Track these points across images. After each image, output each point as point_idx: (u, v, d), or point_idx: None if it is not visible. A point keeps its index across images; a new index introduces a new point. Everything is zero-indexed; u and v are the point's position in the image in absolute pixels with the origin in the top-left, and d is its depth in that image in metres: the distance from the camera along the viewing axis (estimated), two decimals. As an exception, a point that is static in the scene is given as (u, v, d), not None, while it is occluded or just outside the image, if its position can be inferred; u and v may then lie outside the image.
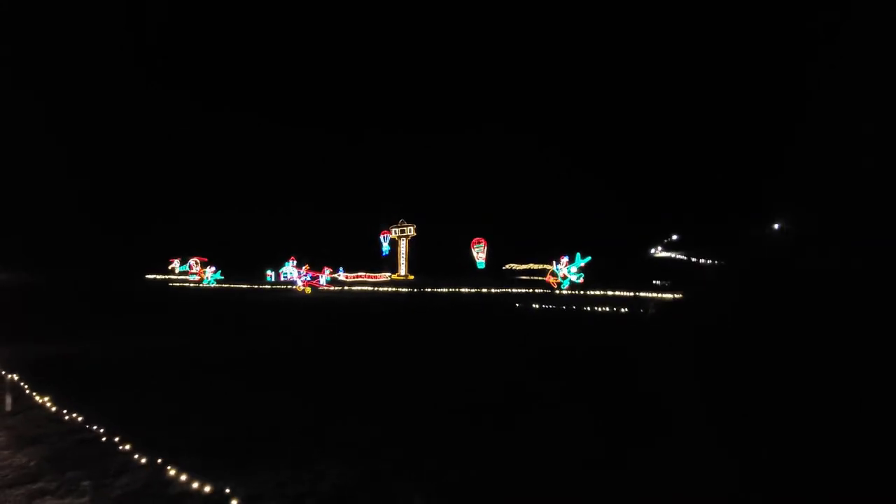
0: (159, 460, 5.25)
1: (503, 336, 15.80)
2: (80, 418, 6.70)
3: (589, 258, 27.76)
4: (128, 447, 5.69)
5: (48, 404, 7.22)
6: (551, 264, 33.97)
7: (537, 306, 24.35)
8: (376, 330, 17.37)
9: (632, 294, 27.10)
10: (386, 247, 43.06)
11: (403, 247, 42.27)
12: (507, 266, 42.89)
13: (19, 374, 7.96)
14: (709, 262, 39.81)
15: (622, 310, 22.85)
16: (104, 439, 5.98)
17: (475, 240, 42.27)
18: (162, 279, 46.16)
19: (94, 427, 6.31)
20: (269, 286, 38.56)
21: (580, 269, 27.77)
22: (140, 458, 5.45)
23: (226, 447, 6.11)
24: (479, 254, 41.67)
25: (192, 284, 41.53)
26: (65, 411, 6.90)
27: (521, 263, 42.39)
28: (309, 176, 69.77)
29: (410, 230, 42.17)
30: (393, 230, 42.94)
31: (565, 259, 28.29)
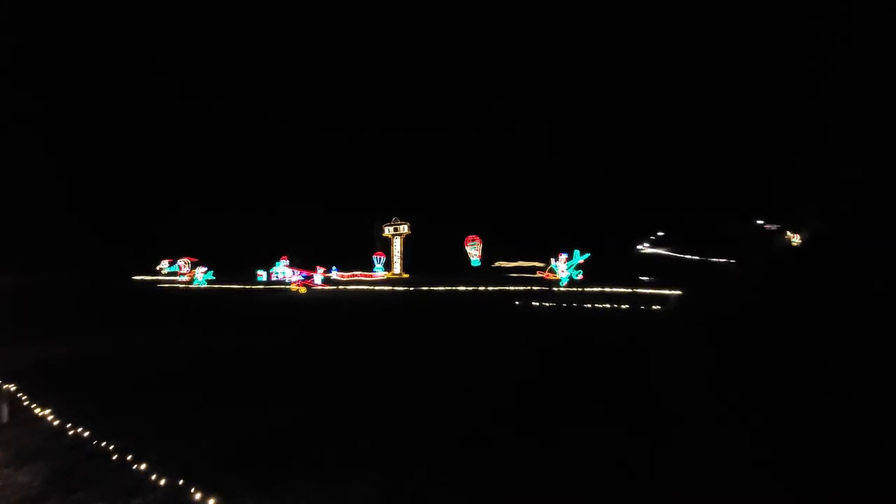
0: (180, 481, 4.92)
1: (508, 334, 15.58)
2: (82, 430, 6.34)
3: (588, 255, 27.69)
4: (143, 466, 5.35)
5: (49, 416, 6.83)
6: (541, 262, 34.02)
7: (537, 304, 24.19)
8: (376, 330, 17.07)
9: (630, 290, 27.07)
10: (378, 267, 42.57)
11: (397, 245, 41.94)
12: (497, 264, 42.88)
13: (11, 379, 7.55)
14: (700, 259, 40.18)
15: (622, 306, 22.78)
16: (115, 456, 5.63)
17: (469, 237, 42.14)
18: (150, 280, 45.25)
19: (103, 442, 5.95)
20: (262, 286, 37.96)
21: (579, 266, 27.69)
22: (154, 474, 5.12)
23: (238, 460, 5.80)
24: (474, 251, 41.56)
25: (181, 285, 40.74)
26: (69, 425, 6.51)
27: (511, 261, 42.39)
28: (299, 175, 68.84)
29: (404, 228, 41.84)
30: (386, 228, 42.58)
31: (564, 256, 28.19)
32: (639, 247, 56.79)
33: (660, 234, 59.75)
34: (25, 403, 7.19)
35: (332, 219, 56.87)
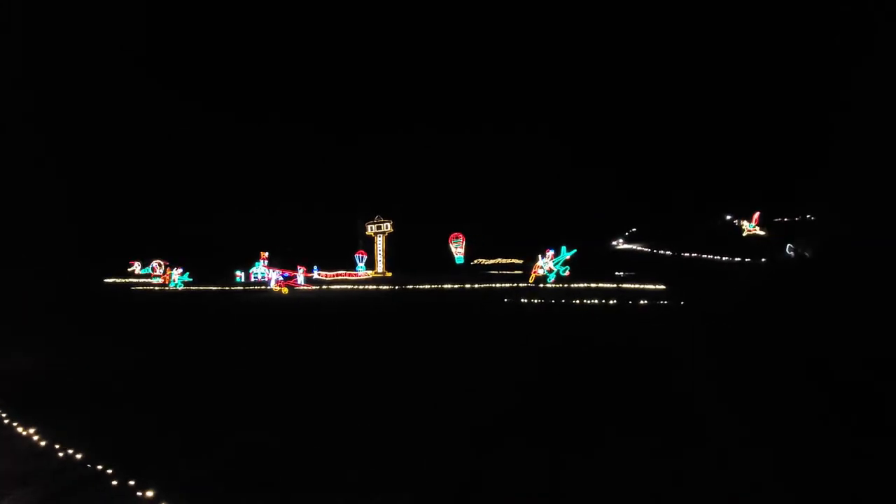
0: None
1: (502, 333, 15.39)
2: (72, 451, 5.82)
3: (575, 251, 27.75)
4: (149, 493, 4.91)
5: (32, 435, 6.28)
6: (519, 258, 34.13)
7: (526, 301, 24.13)
8: (366, 331, 16.66)
9: (615, 286, 27.25)
10: (361, 266, 41.90)
11: (380, 243, 41.33)
12: (476, 261, 42.84)
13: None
14: (675, 253, 40.91)
15: (611, 302, 22.90)
16: (115, 482, 5.15)
17: (453, 235, 41.86)
18: (123, 283, 43.58)
19: (98, 465, 5.46)
20: (241, 287, 36.96)
21: (566, 262, 27.74)
22: (162, 502, 4.69)
23: (248, 479, 5.39)
24: (458, 249, 41.32)
25: (157, 288, 39.37)
26: (57, 445, 5.98)
27: (489, 258, 42.38)
28: (276, 173, 67.43)
29: (387, 226, 41.24)
30: (369, 227, 41.93)
31: (550, 252, 28.18)
32: (613, 243, 57.52)
33: (633, 230, 60.64)
34: (6, 422, 6.62)
35: (310, 218, 55.78)
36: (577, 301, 23.13)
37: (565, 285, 27.26)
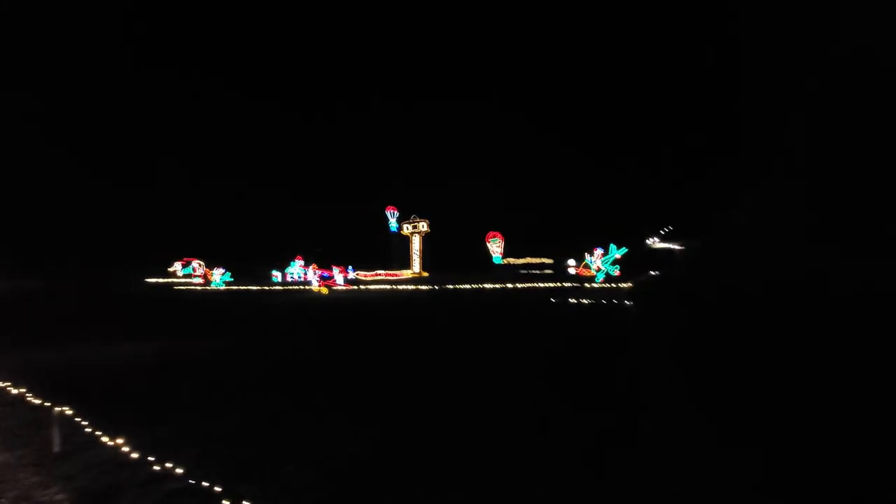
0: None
1: (558, 337, 14.68)
2: (166, 461, 5.42)
3: (625, 249, 26.71)
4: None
5: (113, 441, 5.90)
6: (549, 258, 33.69)
7: (574, 301, 23.34)
8: (414, 332, 16.24)
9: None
10: (393, 223, 41.89)
11: (416, 243, 41.00)
12: (506, 260, 42.42)
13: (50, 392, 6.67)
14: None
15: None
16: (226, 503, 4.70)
17: (490, 234, 41.31)
18: (165, 283, 44.49)
19: (191, 477, 5.03)
20: (280, 287, 37.17)
21: (616, 261, 26.75)
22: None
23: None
24: (495, 248, 40.76)
25: (199, 287, 39.96)
26: (151, 458, 5.58)
27: (518, 258, 42.06)
28: (308, 172, 68.13)
29: (423, 226, 40.85)
30: (405, 226, 41.67)
31: (599, 251, 27.22)
32: (648, 241, 56.20)
33: (669, 227, 58.92)
34: (87, 430, 6.30)
35: (345, 218, 55.87)
36: (629, 302, 22.20)
37: (614, 285, 26.31)
